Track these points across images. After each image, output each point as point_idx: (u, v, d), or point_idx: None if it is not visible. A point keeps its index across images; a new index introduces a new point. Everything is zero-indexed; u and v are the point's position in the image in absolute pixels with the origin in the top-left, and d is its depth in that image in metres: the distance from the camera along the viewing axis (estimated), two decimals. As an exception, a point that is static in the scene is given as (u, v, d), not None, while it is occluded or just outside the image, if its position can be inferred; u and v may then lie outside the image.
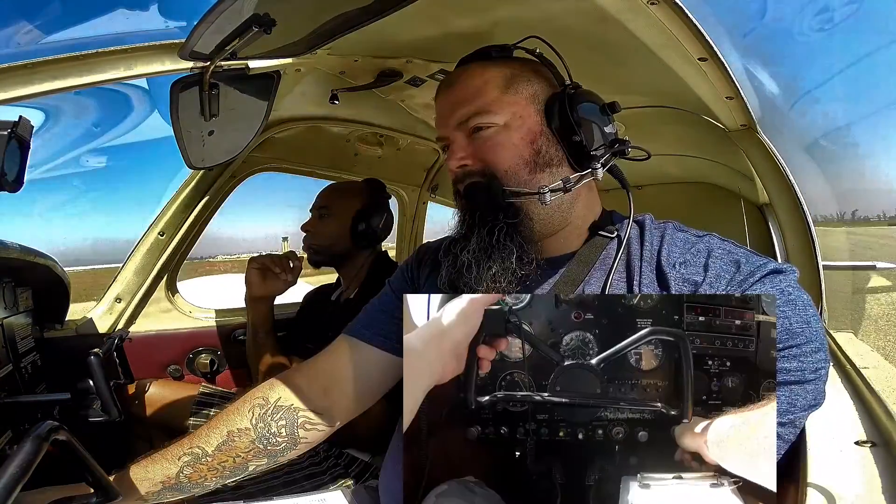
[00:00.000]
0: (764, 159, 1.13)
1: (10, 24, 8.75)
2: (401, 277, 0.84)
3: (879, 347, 5.53)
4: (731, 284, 0.60)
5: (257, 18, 0.67)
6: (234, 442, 0.71)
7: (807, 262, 1.07)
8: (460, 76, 0.73)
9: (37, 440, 0.51)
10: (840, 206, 70.09)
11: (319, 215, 1.40)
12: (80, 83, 0.71)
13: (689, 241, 0.66)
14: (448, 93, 0.74)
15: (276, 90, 0.95)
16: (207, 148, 0.94)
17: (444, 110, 0.73)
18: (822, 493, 0.49)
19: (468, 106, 0.70)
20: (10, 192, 0.69)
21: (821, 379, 0.56)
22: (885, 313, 7.52)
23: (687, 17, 0.74)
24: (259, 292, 1.36)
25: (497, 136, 0.69)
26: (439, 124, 0.75)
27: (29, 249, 1.20)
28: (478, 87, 0.70)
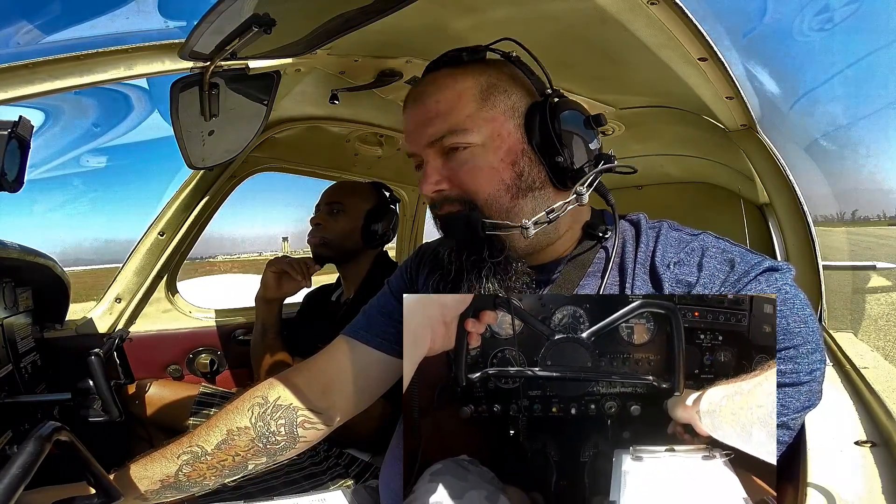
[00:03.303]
0: (764, 159, 1.13)
1: (10, 24, 8.72)
2: (400, 278, 0.84)
3: (879, 347, 5.53)
4: (726, 284, 0.59)
5: (257, 18, 0.67)
6: (234, 440, 0.71)
7: (807, 262, 1.07)
8: (429, 87, 0.67)
9: (39, 440, 0.51)
10: (840, 206, 70.20)
11: (331, 210, 1.40)
12: (80, 83, 0.71)
13: (683, 241, 0.65)
14: (417, 106, 0.67)
15: (276, 90, 0.95)
16: (207, 148, 0.95)
17: (415, 125, 0.67)
18: (822, 493, 0.49)
19: (441, 124, 0.64)
20: (10, 192, 0.69)
21: (816, 380, 0.56)
22: (885, 313, 7.52)
23: (687, 17, 0.74)
24: (273, 294, 1.37)
25: (475, 158, 0.64)
26: (409, 140, 0.68)
27: (29, 249, 1.20)
28: (450, 102, 0.64)
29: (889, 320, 7.13)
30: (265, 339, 1.37)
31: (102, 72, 0.73)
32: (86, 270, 14.32)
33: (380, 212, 1.40)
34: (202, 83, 0.81)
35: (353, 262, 1.42)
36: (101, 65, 0.72)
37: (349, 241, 1.38)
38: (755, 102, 1.06)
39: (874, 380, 0.74)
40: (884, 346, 5.69)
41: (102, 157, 2.35)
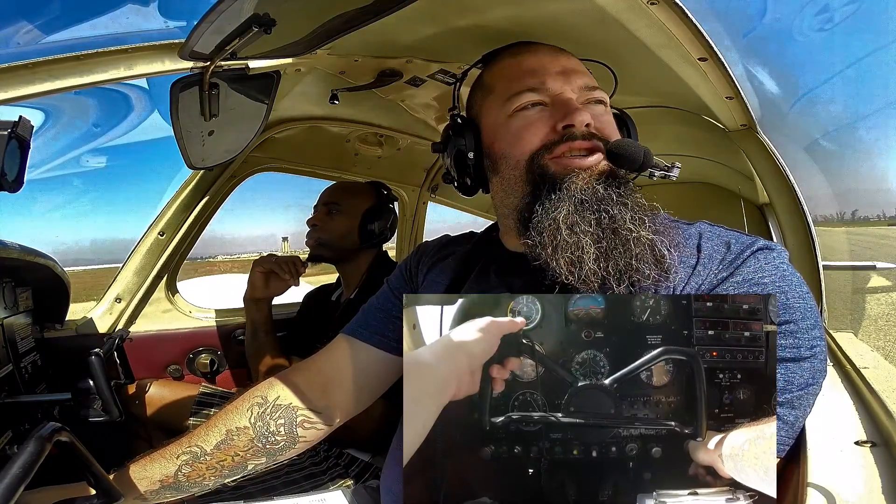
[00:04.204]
0: (764, 159, 1.13)
1: (10, 24, 8.70)
2: (400, 277, 0.84)
3: (879, 347, 5.53)
4: (724, 263, 0.62)
5: (257, 18, 0.67)
6: (233, 440, 0.71)
7: (807, 262, 1.07)
8: (553, 49, 0.72)
9: (40, 441, 0.51)
10: (840, 206, 70.16)
11: (328, 211, 1.40)
12: (80, 83, 0.71)
13: (680, 228, 0.68)
14: (549, 54, 0.70)
15: (276, 90, 0.95)
16: (207, 148, 0.95)
17: (559, 68, 0.68)
18: (822, 493, 0.49)
19: (588, 78, 0.69)
20: (10, 192, 0.69)
21: (817, 357, 0.57)
22: (885, 313, 7.52)
23: (687, 17, 0.74)
24: (260, 294, 1.37)
25: (608, 114, 0.70)
26: (548, 78, 0.67)
27: (29, 249, 1.20)
28: (582, 67, 0.71)
29: (889, 320, 7.13)
30: (256, 339, 1.37)
31: (102, 72, 0.73)
32: (86, 270, 14.33)
33: (377, 211, 1.40)
34: (202, 83, 0.81)
35: (351, 262, 1.42)
36: (101, 65, 0.72)
37: (346, 241, 1.38)
38: (755, 102, 1.06)
39: (874, 380, 0.74)
40: (884, 346, 5.69)
41: (102, 157, 2.36)
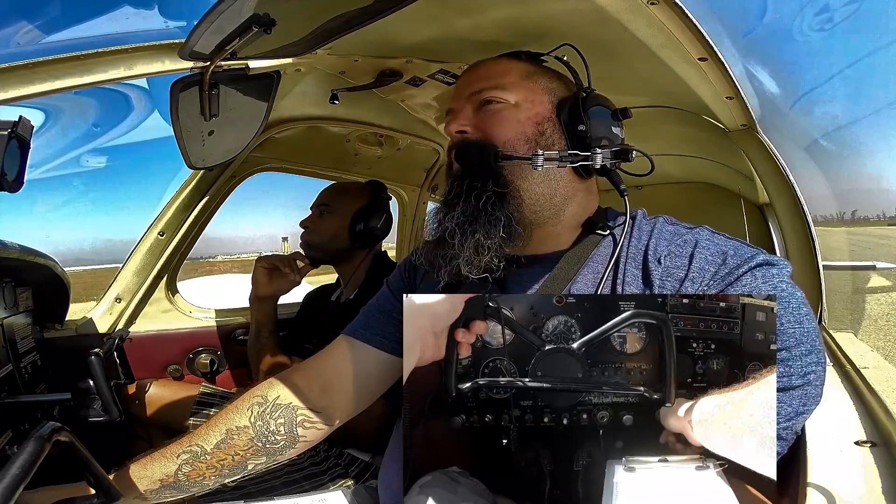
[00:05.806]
0: (764, 159, 1.13)
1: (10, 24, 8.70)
2: (399, 277, 0.84)
3: (879, 347, 5.53)
4: (716, 278, 0.59)
5: (257, 18, 0.67)
6: (233, 440, 0.71)
7: (807, 262, 1.07)
8: (487, 62, 0.76)
9: (39, 441, 0.51)
10: (840, 206, 70.06)
11: (319, 213, 1.40)
12: (80, 83, 0.71)
13: (677, 234, 0.65)
14: (469, 73, 0.76)
15: (276, 90, 0.95)
16: (207, 148, 0.94)
17: (461, 85, 0.75)
18: (822, 493, 0.49)
19: (484, 83, 0.72)
20: (10, 192, 0.69)
21: (811, 383, 0.54)
22: (885, 313, 7.51)
23: (687, 17, 0.74)
24: (265, 292, 1.36)
25: (504, 111, 0.70)
26: (453, 97, 0.76)
27: (29, 249, 1.20)
28: (499, 70, 0.73)
29: (889, 320, 7.12)
30: (259, 339, 1.37)
31: (102, 72, 0.72)
32: (86, 270, 14.32)
33: (368, 211, 1.38)
34: (202, 83, 0.81)
35: (347, 263, 1.41)
36: (101, 65, 0.72)
37: (336, 242, 1.38)
38: (755, 102, 1.06)
39: (874, 380, 0.74)
40: (884, 346, 5.68)
41: (102, 157, 2.36)
